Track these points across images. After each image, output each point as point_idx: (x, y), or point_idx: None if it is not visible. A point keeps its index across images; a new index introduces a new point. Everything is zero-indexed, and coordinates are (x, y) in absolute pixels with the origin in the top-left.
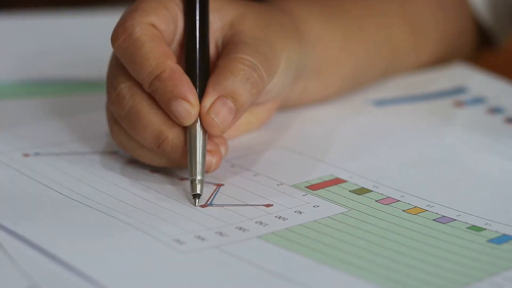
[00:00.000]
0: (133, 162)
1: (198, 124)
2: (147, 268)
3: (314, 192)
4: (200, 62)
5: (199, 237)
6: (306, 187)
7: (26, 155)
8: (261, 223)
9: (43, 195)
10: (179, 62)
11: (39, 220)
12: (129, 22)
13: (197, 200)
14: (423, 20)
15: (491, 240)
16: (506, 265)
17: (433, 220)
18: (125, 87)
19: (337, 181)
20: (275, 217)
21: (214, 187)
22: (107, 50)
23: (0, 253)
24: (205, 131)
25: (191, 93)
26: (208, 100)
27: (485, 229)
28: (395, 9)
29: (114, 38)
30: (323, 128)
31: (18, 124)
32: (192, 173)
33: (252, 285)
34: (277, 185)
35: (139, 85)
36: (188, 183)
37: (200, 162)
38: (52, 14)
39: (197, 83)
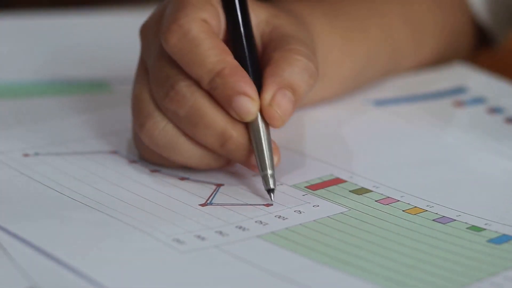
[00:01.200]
0: (133, 162)
1: (260, 119)
2: (147, 268)
3: (314, 192)
4: (250, 57)
5: (199, 236)
6: (306, 187)
7: (26, 155)
8: (261, 222)
9: (43, 195)
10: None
11: (39, 220)
12: (183, 19)
13: (272, 195)
14: (423, 21)
15: (491, 240)
16: (506, 265)
17: (433, 220)
18: (184, 85)
19: (337, 181)
20: (275, 216)
21: (214, 186)
22: (110, 50)
23: (2, 255)
24: (267, 125)
25: (252, 89)
26: (268, 93)
27: (485, 229)
28: (395, 10)
29: (168, 37)
30: (323, 128)
31: (18, 124)
32: (262, 167)
33: (251, 285)
34: (277, 185)
35: (197, 84)
36: (189, 183)
37: (268, 156)
38: (55, 14)
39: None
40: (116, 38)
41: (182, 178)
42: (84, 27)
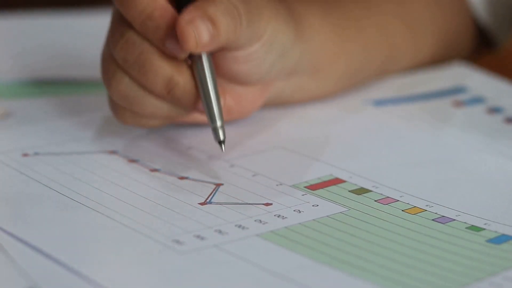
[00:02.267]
0: (133, 161)
1: (206, 68)
2: (146, 270)
3: (314, 192)
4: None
5: (198, 236)
6: (305, 187)
7: (25, 155)
8: (260, 221)
9: (43, 195)
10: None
11: (38, 220)
12: None
13: (223, 146)
14: (421, 20)
15: (490, 240)
16: (505, 265)
17: (432, 220)
18: (134, 33)
19: (336, 181)
20: (275, 215)
21: (213, 186)
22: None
23: (1, 255)
24: (214, 76)
25: None
26: (188, 14)
27: (484, 229)
28: (392, 9)
29: None
30: (323, 128)
31: (17, 124)
32: (212, 120)
33: (251, 284)
34: (277, 185)
35: None
36: (188, 182)
37: (216, 108)
38: (55, 14)
39: None
40: None
41: (182, 177)
42: (84, 27)
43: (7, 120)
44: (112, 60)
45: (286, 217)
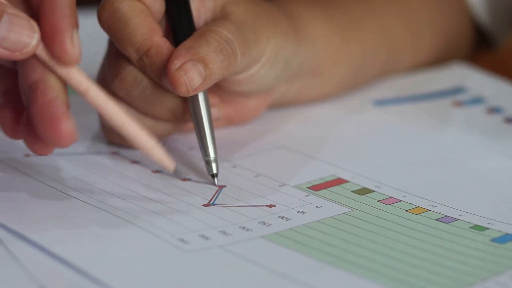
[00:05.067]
0: (135, 162)
1: (202, 104)
2: (152, 268)
3: (316, 192)
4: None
5: (203, 236)
6: (308, 187)
7: (27, 155)
8: (264, 223)
9: (46, 195)
10: (167, 35)
11: (42, 220)
12: None
13: (216, 179)
14: (421, 20)
15: (494, 240)
16: (510, 264)
17: (436, 219)
18: (132, 70)
19: (339, 181)
20: (278, 217)
21: (216, 187)
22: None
23: (5, 255)
24: (209, 111)
25: None
26: (179, 60)
27: (488, 228)
28: (393, 10)
29: (100, 13)
30: (324, 129)
31: None
32: (206, 153)
33: (256, 285)
34: (279, 185)
35: None
36: (191, 183)
37: (210, 142)
38: None
39: None
40: None
41: (184, 179)
42: (84, 27)
43: None
44: (108, 87)
45: (290, 219)
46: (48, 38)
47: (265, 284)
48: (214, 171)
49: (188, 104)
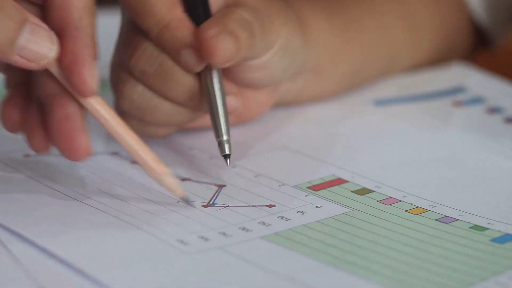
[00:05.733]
0: (135, 162)
1: (217, 85)
2: (152, 269)
3: (316, 192)
4: (203, 18)
5: (202, 237)
6: (308, 187)
7: (26, 155)
8: (264, 223)
9: (45, 196)
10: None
11: (41, 221)
12: None
13: (228, 160)
14: (420, 20)
15: (494, 240)
16: (510, 264)
17: (436, 220)
18: (150, 44)
19: (339, 181)
20: (278, 217)
21: (216, 187)
22: (110, 50)
23: (5, 255)
24: (223, 91)
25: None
26: (213, 29)
27: (487, 228)
28: (393, 9)
29: None
30: (324, 128)
31: None
32: (218, 134)
33: (256, 286)
34: (279, 186)
35: None
36: (191, 184)
37: (223, 122)
38: None
39: None
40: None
41: (184, 179)
42: None
43: None
44: (124, 69)
45: (289, 219)
46: (67, 67)
47: (264, 285)
48: (227, 151)
49: (202, 85)
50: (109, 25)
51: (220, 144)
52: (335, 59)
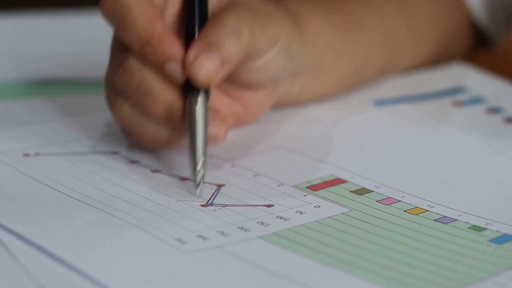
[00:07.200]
0: (134, 162)
1: (199, 115)
2: (150, 268)
3: (315, 192)
4: (199, 26)
5: (201, 236)
6: (307, 187)
7: (26, 155)
8: (262, 223)
9: (45, 195)
10: (177, 24)
11: (41, 220)
12: None
13: (198, 190)
14: (420, 20)
15: (492, 240)
16: (508, 264)
17: (434, 220)
18: (133, 61)
19: (338, 181)
20: (277, 217)
21: (215, 187)
22: (107, 50)
23: (5, 255)
24: (206, 121)
25: (180, 53)
26: (192, 52)
27: (486, 229)
28: (393, 9)
29: (103, 2)
30: (324, 128)
31: (18, 124)
32: (194, 162)
33: (254, 286)
34: (278, 185)
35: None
36: (189, 183)
37: (201, 149)
38: (52, 14)
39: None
40: None
41: (183, 179)
42: (85, 27)
43: (7, 120)
44: (113, 87)
45: (288, 219)
46: None
47: (262, 285)
48: (198, 180)
49: (186, 106)
50: (109, 25)
51: (194, 172)
52: (335, 58)
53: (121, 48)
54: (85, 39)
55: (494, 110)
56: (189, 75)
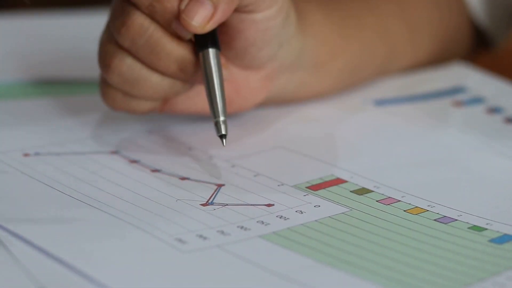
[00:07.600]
0: (134, 162)
1: (214, 66)
2: (150, 268)
3: (315, 192)
4: None
5: (201, 236)
6: (307, 187)
7: (26, 155)
8: (262, 222)
9: (45, 195)
10: None
11: (41, 220)
12: None
13: (224, 140)
14: (420, 19)
15: (492, 240)
16: (508, 264)
17: (434, 220)
18: (141, 15)
19: (338, 181)
20: (277, 216)
21: (215, 187)
22: None
23: (5, 255)
24: (220, 71)
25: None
26: (184, 1)
27: (486, 229)
28: (392, 8)
29: None
30: (324, 128)
31: (18, 124)
32: (215, 114)
33: (254, 285)
34: (278, 185)
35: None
36: (190, 182)
37: (220, 102)
38: (52, 14)
39: None
40: None
41: (183, 178)
42: (85, 27)
43: (7, 120)
44: (113, 42)
45: (288, 218)
46: None
47: (262, 284)
48: (223, 131)
49: (200, 62)
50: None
51: (217, 125)
52: (334, 54)
53: (125, 4)
54: (85, 39)
55: (494, 110)
56: (182, 22)
